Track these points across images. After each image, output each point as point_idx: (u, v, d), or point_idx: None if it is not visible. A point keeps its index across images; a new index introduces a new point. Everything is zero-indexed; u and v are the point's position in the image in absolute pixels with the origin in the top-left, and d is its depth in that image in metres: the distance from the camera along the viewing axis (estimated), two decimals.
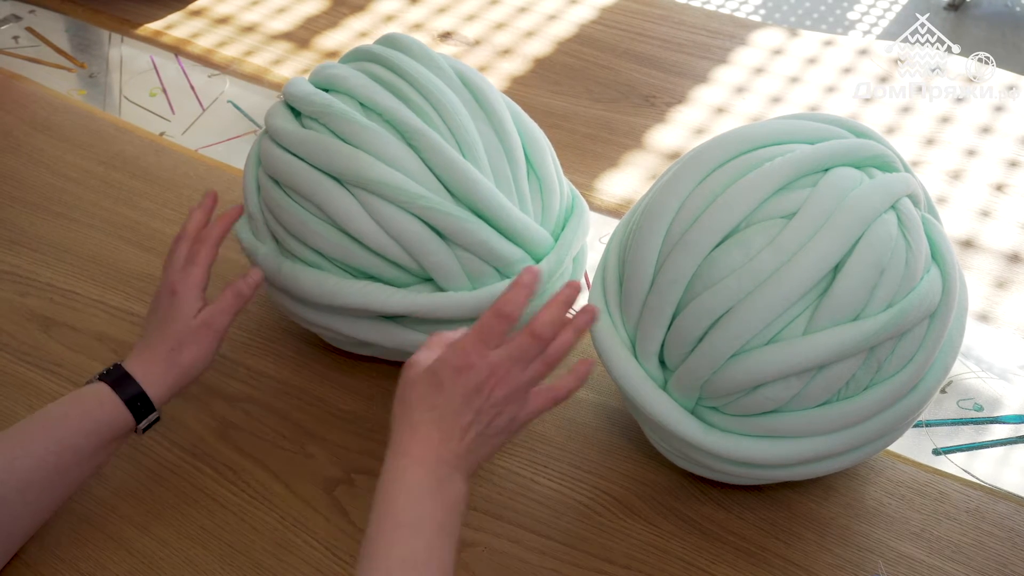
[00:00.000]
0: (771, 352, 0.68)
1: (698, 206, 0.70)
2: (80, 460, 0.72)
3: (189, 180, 1.11)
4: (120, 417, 0.73)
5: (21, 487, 0.69)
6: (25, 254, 1.02)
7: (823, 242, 0.67)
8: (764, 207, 0.69)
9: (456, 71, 0.83)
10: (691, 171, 0.72)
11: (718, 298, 0.68)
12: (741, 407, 0.71)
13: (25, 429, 0.71)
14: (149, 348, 0.76)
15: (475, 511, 0.78)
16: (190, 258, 0.79)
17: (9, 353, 0.91)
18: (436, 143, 0.78)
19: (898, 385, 0.71)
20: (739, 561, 0.75)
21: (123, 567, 0.75)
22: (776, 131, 0.73)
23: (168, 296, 0.77)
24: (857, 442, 0.72)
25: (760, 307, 0.67)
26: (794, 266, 0.67)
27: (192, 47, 1.35)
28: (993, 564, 0.75)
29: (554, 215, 0.85)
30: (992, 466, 0.84)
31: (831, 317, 0.67)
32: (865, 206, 0.68)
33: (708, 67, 1.32)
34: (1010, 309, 0.98)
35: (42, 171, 1.13)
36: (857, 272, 0.67)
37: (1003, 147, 1.18)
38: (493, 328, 0.66)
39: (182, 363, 0.76)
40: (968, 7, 2.75)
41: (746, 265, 0.68)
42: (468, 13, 1.44)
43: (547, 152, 0.85)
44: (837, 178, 0.69)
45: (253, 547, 0.76)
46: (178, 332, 0.76)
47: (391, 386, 0.88)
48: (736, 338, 0.68)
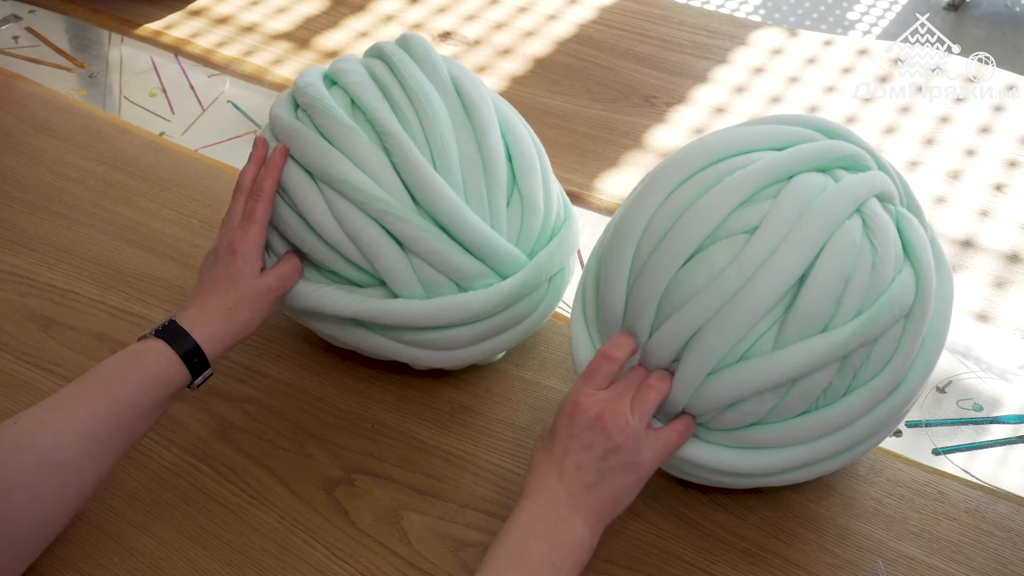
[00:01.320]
0: (742, 370, 0.67)
1: (664, 225, 0.70)
2: (139, 417, 0.72)
3: (189, 180, 1.11)
4: (177, 374, 0.74)
5: (88, 448, 0.70)
6: (25, 254, 1.02)
7: (785, 256, 0.66)
8: (728, 222, 0.68)
9: (453, 78, 0.82)
10: (657, 187, 0.71)
11: (685, 319, 0.68)
12: (721, 422, 0.71)
13: (85, 388, 0.72)
14: (206, 305, 0.77)
15: (475, 511, 0.79)
16: (247, 215, 0.80)
17: (9, 353, 0.91)
18: (406, 148, 0.78)
19: (877, 389, 0.70)
20: (739, 561, 0.75)
21: (123, 567, 0.75)
22: (741, 140, 0.72)
23: (227, 255, 0.78)
24: (842, 446, 0.72)
25: (726, 326, 0.67)
26: (757, 282, 0.66)
27: (192, 47, 1.35)
28: (993, 564, 0.75)
29: (533, 235, 0.83)
30: (992, 466, 0.84)
31: (799, 330, 0.67)
32: (827, 214, 0.67)
33: (708, 67, 1.32)
34: (1010, 309, 0.98)
35: (42, 171, 1.13)
36: (821, 283, 0.66)
37: (1003, 147, 1.18)
38: (600, 369, 0.70)
39: (238, 322, 0.77)
40: (968, 7, 2.75)
41: (710, 284, 0.67)
42: (468, 13, 1.44)
43: (536, 171, 0.83)
44: (800, 186, 0.68)
45: (253, 547, 0.76)
46: (238, 292, 0.78)
47: (391, 386, 0.89)
48: (707, 359, 0.68)
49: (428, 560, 0.75)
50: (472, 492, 0.80)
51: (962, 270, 1.02)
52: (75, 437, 0.69)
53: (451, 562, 0.75)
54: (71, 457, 0.69)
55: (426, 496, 0.80)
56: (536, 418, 0.86)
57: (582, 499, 0.67)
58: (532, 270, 0.81)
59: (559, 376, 0.89)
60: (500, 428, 0.85)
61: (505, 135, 0.83)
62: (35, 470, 0.68)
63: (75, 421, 0.70)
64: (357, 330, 0.83)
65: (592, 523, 0.67)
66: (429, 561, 0.75)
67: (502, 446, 0.83)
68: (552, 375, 0.90)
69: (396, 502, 0.79)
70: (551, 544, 0.66)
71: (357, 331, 0.83)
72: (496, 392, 0.88)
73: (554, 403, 0.87)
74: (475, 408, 0.87)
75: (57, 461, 0.68)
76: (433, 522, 0.78)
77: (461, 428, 0.85)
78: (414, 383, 0.89)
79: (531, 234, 0.82)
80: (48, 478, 0.68)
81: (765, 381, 0.67)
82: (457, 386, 0.89)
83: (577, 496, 0.67)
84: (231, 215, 0.81)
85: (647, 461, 0.69)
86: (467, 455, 0.83)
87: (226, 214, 0.82)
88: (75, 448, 0.69)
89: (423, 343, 0.82)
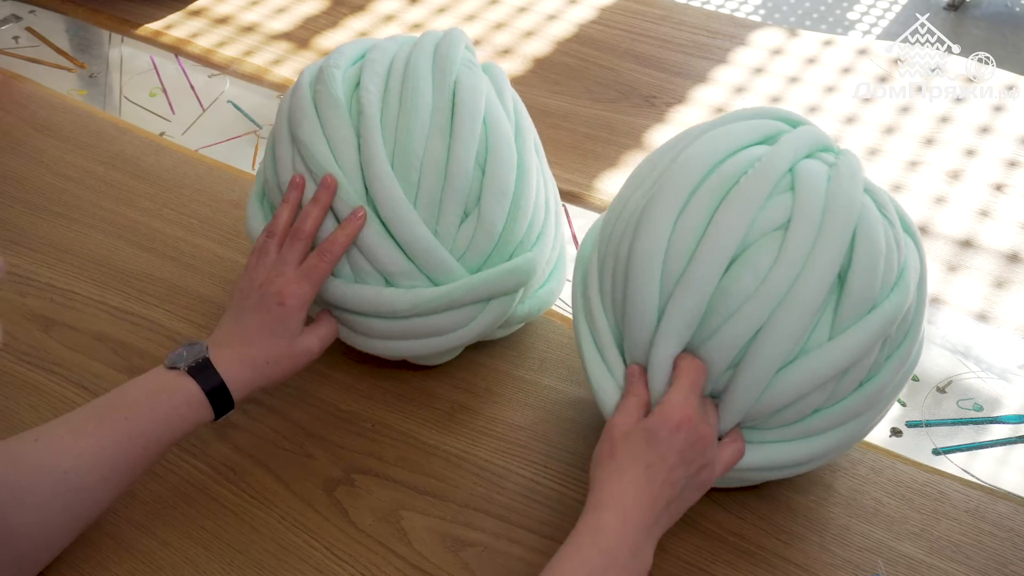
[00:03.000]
0: (806, 364, 0.68)
1: (689, 237, 0.69)
2: (159, 450, 0.72)
3: (189, 180, 1.11)
4: (203, 414, 0.73)
5: (106, 475, 0.70)
6: (25, 254, 1.02)
7: (826, 246, 0.67)
8: (756, 223, 0.69)
9: (457, 84, 0.81)
10: (667, 202, 0.71)
11: (741, 327, 0.68)
12: (781, 419, 0.71)
13: (112, 414, 0.71)
14: (246, 354, 0.75)
15: (475, 511, 0.79)
16: (308, 272, 0.77)
17: (9, 353, 0.91)
18: (371, 132, 0.79)
19: (906, 352, 0.73)
20: (739, 561, 0.75)
21: (123, 567, 0.75)
22: (733, 139, 0.73)
23: (276, 305, 0.76)
24: (881, 412, 0.75)
25: (786, 327, 0.67)
26: (807, 277, 0.67)
27: (192, 47, 1.35)
28: (993, 564, 0.75)
29: (483, 254, 0.81)
30: (992, 466, 0.84)
31: (853, 315, 0.68)
32: (848, 198, 0.69)
33: (708, 67, 1.32)
34: (1010, 309, 0.98)
35: (42, 171, 1.13)
36: (865, 266, 0.68)
37: (1003, 147, 1.18)
38: (700, 379, 0.69)
39: (272, 376, 0.77)
40: (968, 7, 2.75)
41: (760, 287, 0.67)
42: (468, 13, 1.44)
43: (506, 198, 0.80)
44: (808, 175, 0.70)
45: (253, 547, 0.76)
46: (280, 349, 0.76)
47: (391, 386, 0.89)
48: (772, 362, 0.68)
49: (428, 560, 0.75)
50: (472, 492, 0.80)
51: (962, 270, 1.02)
52: (95, 463, 0.69)
53: (451, 562, 0.75)
54: (88, 483, 0.69)
55: (426, 496, 0.80)
56: (536, 418, 0.86)
57: (660, 518, 0.66)
58: (463, 286, 0.80)
59: (558, 376, 0.90)
60: (500, 428, 0.85)
61: (488, 155, 0.80)
62: (51, 492, 0.68)
63: (98, 448, 0.69)
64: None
65: (654, 547, 0.67)
66: (429, 561, 0.75)
67: (502, 446, 0.84)
68: (552, 375, 0.90)
69: (396, 502, 0.79)
70: (629, 573, 0.64)
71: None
72: (496, 392, 0.88)
73: (554, 403, 0.87)
74: (475, 408, 0.87)
75: (74, 485, 0.68)
76: (433, 522, 0.78)
77: (461, 428, 0.85)
78: (414, 383, 0.89)
79: (480, 252, 0.81)
80: (61, 500, 0.68)
81: (829, 372, 0.68)
82: (457, 386, 0.89)
83: (659, 516, 0.66)
84: (285, 258, 0.77)
85: (711, 480, 0.70)
86: (467, 455, 0.83)
87: (275, 243, 0.79)
88: (94, 475, 0.69)
89: (347, 323, 0.83)
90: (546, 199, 0.87)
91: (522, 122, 0.85)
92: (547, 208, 0.87)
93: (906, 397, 0.89)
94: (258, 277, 0.78)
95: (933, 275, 1.01)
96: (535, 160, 0.85)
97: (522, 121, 0.85)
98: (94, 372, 0.89)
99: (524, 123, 0.85)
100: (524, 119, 0.86)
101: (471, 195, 0.80)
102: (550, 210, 0.88)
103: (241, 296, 0.78)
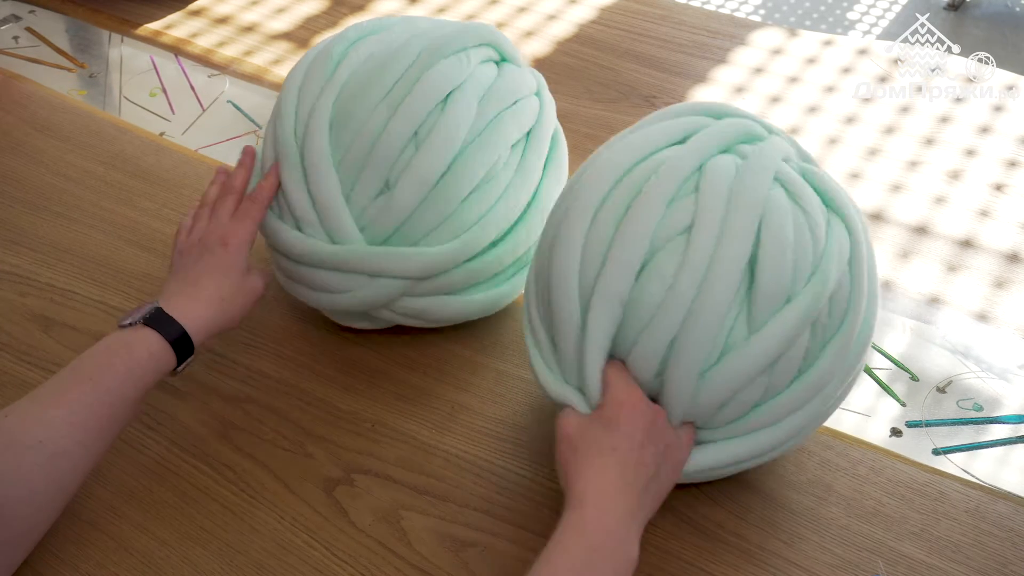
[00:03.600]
0: (728, 364, 0.68)
1: (599, 249, 0.69)
2: (129, 406, 0.73)
3: (189, 180, 1.11)
4: (166, 362, 0.75)
5: (81, 439, 0.70)
6: (25, 254, 1.02)
7: (729, 245, 0.67)
8: (660, 229, 0.68)
9: (433, 66, 0.82)
10: (579, 213, 0.71)
11: (656, 336, 0.68)
12: (720, 418, 0.71)
13: (75, 380, 0.72)
14: (198, 294, 0.78)
15: (475, 511, 0.79)
16: (243, 213, 0.83)
17: (9, 353, 0.91)
18: (327, 91, 0.83)
19: (846, 337, 0.71)
20: (739, 561, 0.75)
21: (123, 567, 0.75)
22: (641, 144, 0.73)
23: (219, 246, 0.81)
24: (831, 400, 0.73)
25: (698, 331, 0.67)
26: (711, 280, 0.67)
27: (192, 47, 1.35)
28: (993, 564, 0.75)
29: (383, 231, 0.82)
30: (992, 466, 0.84)
31: (767, 309, 0.68)
32: (752, 192, 0.68)
33: (708, 67, 1.32)
34: (1009, 309, 0.98)
35: (42, 171, 1.13)
36: (771, 260, 0.67)
37: (1003, 147, 1.18)
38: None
39: (228, 312, 0.80)
40: (968, 7, 2.75)
41: (668, 295, 0.67)
42: (468, 13, 1.44)
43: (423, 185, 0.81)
44: (715, 173, 0.69)
45: (253, 547, 0.76)
46: (232, 284, 0.80)
47: (391, 386, 0.89)
48: (691, 367, 0.68)
49: (428, 560, 0.75)
50: (472, 492, 0.80)
51: (962, 270, 1.02)
52: (68, 429, 0.70)
53: (451, 562, 0.75)
54: (65, 448, 0.69)
55: (426, 496, 0.80)
56: (536, 418, 0.86)
57: (644, 501, 0.67)
58: (348, 251, 0.82)
59: None
60: (500, 428, 0.85)
61: (427, 139, 0.81)
62: (30, 463, 0.68)
63: (68, 413, 0.70)
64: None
65: (639, 534, 0.67)
66: (429, 561, 0.75)
67: (502, 446, 0.83)
68: None
69: (396, 502, 0.79)
70: (615, 567, 0.65)
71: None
72: (496, 392, 0.88)
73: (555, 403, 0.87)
74: (475, 408, 0.87)
75: (51, 453, 0.69)
76: (433, 522, 0.78)
77: (461, 428, 0.85)
78: (414, 383, 0.89)
79: (383, 229, 0.82)
80: (43, 470, 0.68)
81: (753, 367, 0.68)
82: (457, 386, 0.89)
83: (640, 500, 0.66)
84: (219, 211, 0.83)
85: (683, 460, 0.71)
86: (467, 455, 0.83)
87: (208, 208, 0.85)
88: (69, 440, 0.69)
89: (294, 275, 0.87)
90: (529, 201, 0.87)
91: (504, 125, 0.84)
92: (529, 208, 0.87)
93: (906, 397, 0.89)
94: (196, 233, 0.83)
95: (934, 275, 1.01)
96: (504, 161, 0.84)
97: (504, 124, 0.83)
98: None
99: (505, 126, 0.84)
100: (515, 123, 0.84)
101: (397, 171, 0.81)
102: (532, 210, 0.87)
103: (182, 254, 0.83)
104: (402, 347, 0.92)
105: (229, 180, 0.85)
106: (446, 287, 0.85)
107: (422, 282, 0.84)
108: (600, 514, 0.65)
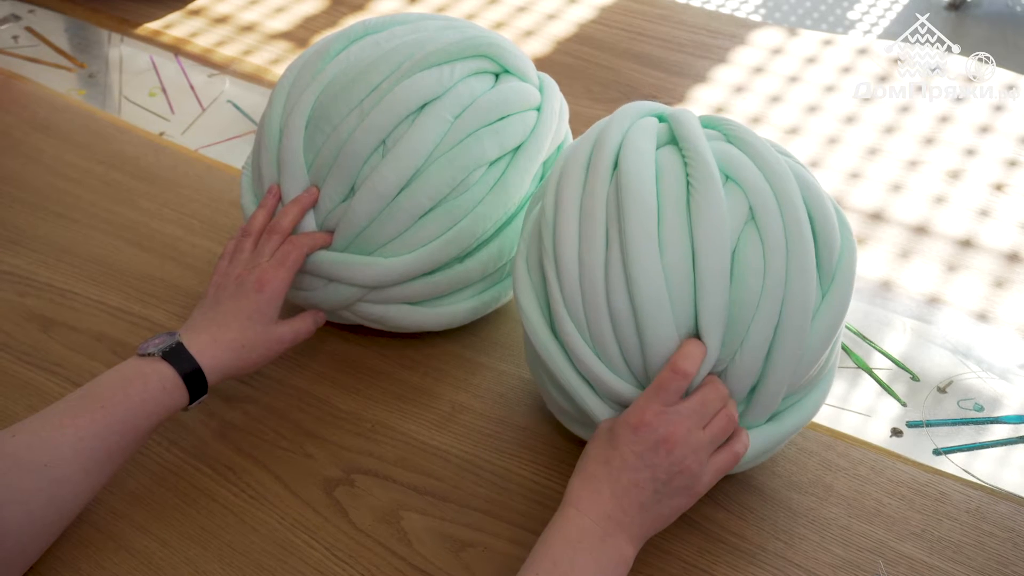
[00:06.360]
0: (784, 346, 0.69)
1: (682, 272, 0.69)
2: (137, 437, 0.73)
3: (189, 180, 1.11)
4: (178, 399, 0.74)
5: (86, 466, 0.70)
6: (25, 254, 1.02)
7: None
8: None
9: (409, 72, 0.81)
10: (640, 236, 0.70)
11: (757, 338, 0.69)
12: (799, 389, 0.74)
13: (88, 405, 0.71)
14: (221, 337, 0.77)
15: (475, 511, 0.78)
16: (282, 258, 0.80)
17: (9, 353, 0.91)
18: (323, 107, 0.83)
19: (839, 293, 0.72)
20: (739, 561, 0.75)
21: (123, 567, 0.75)
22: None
23: (254, 291, 0.78)
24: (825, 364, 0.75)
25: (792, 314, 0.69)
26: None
27: (191, 47, 1.35)
28: (994, 564, 0.75)
29: (343, 239, 0.83)
30: (992, 466, 0.84)
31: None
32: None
33: (708, 67, 1.32)
34: (1009, 309, 0.98)
35: (42, 171, 1.13)
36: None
37: (1003, 147, 1.18)
38: (669, 385, 0.67)
39: (246, 361, 0.78)
40: (968, 7, 2.75)
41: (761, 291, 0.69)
42: (467, 13, 1.44)
43: (379, 199, 0.81)
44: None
45: (253, 547, 0.76)
46: (256, 333, 0.78)
47: (391, 386, 0.89)
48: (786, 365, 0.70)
49: (428, 560, 0.75)
50: (472, 492, 0.80)
51: (962, 270, 1.02)
52: (74, 455, 0.69)
53: (451, 562, 0.75)
54: (69, 475, 0.69)
55: (426, 496, 0.80)
56: (537, 418, 0.86)
57: (633, 516, 0.67)
58: (306, 235, 0.83)
59: None
60: (500, 428, 0.85)
61: (392, 151, 0.80)
62: (32, 487, 0.68)
63: (75, 439, 0.69)
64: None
65: (636, 540, 0.67)
66: (429, 561, 0.75)
67: (502, 446, 0.83)
68: None
69: (396, 502, 0.79)
70: (597, 561, 0.65)
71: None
72: (496, 392, 0.88)
73: None
74: (475, 408, 0.87)
75: (54, 478, 0.68)
76: (433, 522, 0.78)
77: (461, 428, 0.85)
78: (414, 383, 0.89)
79: (343, 237, 0.83)
80: (44, 494, 0.68)
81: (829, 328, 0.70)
82: (457, 386, 0.89)
83: (628, 513, 0.66)
84: (261, 251, 0.81)
85: (704, 485, 0.69)
86: (467, 455, 0.83)
87: (251, 240, 0.82)
88: (74, 466, 0.69)
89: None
90: (509, 217, 0.86)
91: (481, 142, 0.82)
92: (508, 226, 0.87)
93: (907, 397, 0.89)
94: (234, 270, 0.81)
95: (934, 275, 1.01)
96: (479, 179, 0.83)
97: (481, 141, 0.82)
98: (94, 372, 0.89)
99: (482, 143, 0.82)
100: (495, 140, 0.82)
101: (361, 179, 0.82)
102: (511, 228, 0.87)
103: (216, 287, 0.80)
104: (402, 347, 0.92)
105: (277, 220, 0.82)
106: (407, 296, 0.86)
107: (380, 290, 0.85)
108: (578, 513, 0.67)
